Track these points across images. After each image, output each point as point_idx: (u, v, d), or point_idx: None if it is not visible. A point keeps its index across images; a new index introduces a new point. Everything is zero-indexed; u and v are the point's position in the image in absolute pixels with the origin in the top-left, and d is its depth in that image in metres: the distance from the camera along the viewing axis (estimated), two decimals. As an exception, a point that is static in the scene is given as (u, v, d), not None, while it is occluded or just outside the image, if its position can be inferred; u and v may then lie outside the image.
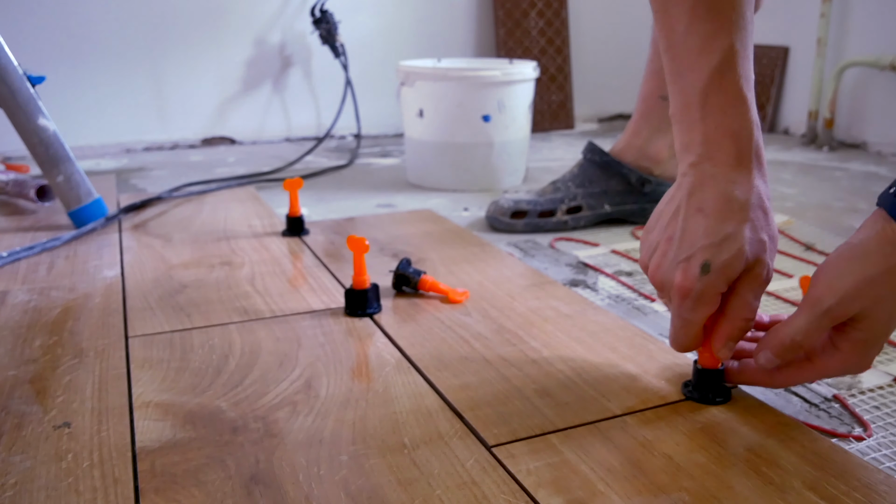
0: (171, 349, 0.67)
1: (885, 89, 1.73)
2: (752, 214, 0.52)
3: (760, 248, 0.52)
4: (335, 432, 0.53)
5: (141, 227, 1.06)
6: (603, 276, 0.92)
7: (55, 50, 1.67)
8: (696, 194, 0.53)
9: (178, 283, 0.83)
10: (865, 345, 0.51)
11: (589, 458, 0.50)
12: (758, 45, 2.02)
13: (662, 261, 0.54)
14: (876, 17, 1.74)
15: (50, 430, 0.54)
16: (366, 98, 1.91)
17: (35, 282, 0.84)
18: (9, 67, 0.99)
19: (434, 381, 0.61)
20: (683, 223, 0.53)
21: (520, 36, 2.01)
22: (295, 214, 1.02)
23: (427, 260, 0.92)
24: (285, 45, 1.87)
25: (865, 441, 0.56)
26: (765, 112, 2.00)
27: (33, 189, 1.15)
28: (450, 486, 0.47)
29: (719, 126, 0.53)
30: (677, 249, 0.53)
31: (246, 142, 1.89)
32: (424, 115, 1.37)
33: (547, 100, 2.04)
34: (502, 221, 1.10)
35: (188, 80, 1.80)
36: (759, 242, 0.52)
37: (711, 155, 0.53)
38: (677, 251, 0.53)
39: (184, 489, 0.47)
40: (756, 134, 0.53)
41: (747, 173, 0.53)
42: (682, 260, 0.52)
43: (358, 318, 0.74)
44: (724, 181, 0.52)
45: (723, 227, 0.52)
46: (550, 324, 0.72)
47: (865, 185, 1.43)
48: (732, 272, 0.52)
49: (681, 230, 0.53)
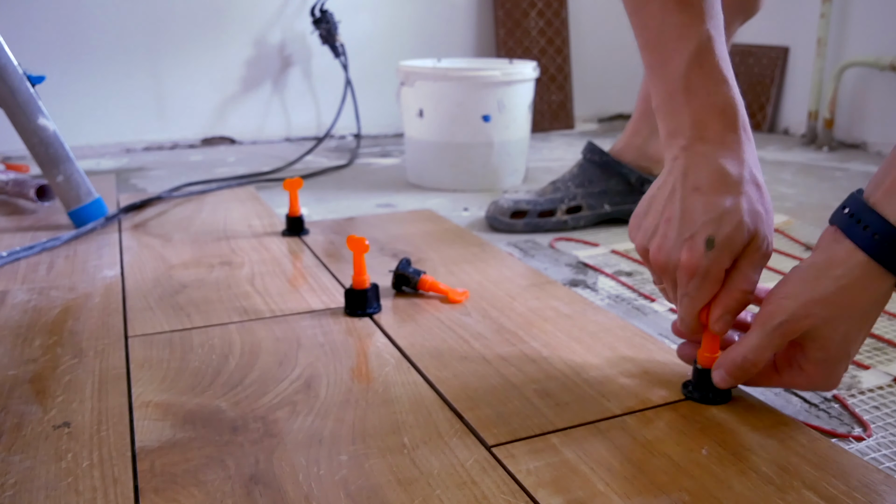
0: (170, 349, 0.67)
1: (885, 89, 1.73)
2: (746, 188, 0.53)
3: (758, 219, 0.53)
4: (335, 432, 0.53)
5: (141, 226, 1.06)
6: (603, 276, 0.92)
7: (55, 50, 1.67)
8: (691, 174, 0.54)
9: (177, 282, 0.83)
10: (826, 364, 0.51)
11: (589, 458, 0.50)
12: (758, 45, 2.02)
13: (664, 242, 0.54)
14: (876, 17, 1.74)
15: (50, 429, 0.54)
16: (366, 98, 1.91)
17: (35, 282, 0.84)
18: (9, 67, 0.99)
19: (434, 380, 0.61)
20: (682, 203, 0.54)
21: (520, 36, 2.01)
22: (295, 214, 1.02)
23: (427, 260, 0.92)
24: (285, 45, 1.87)
25: (865, 441, 0.56)
26: (765, 112, 2.00)
27: (33, 189, 1.15)
28: (449, 486, 0.47)
29: (705, 106, 0.54)
30: (679, 229, 0.53)
31: (246, 142, 1.89)
32: (424, 115, 1.37)
33: (547, 100, 2.04)
34: (502, 221, 1.10)
35: (188, 80, 1.80)
36: (756, 214, 0.53)
37: (701, 135, 0.54)
38: (679, 230, 0.53)
39: (183, 489, 0.47)
40: (741, 110, 0.54)
41: (738, 148, 0.54)
42: (686, 238, 0.53)
43: (358, 318, 0.74)
44: (717, 159, 0.53)
45: (721, 202, 0.52)
46: (550, 324, 0.72)
47: (865, 185, 1.43)
48: (736, 245, 0.53)
49: (680, 210, 0.54)
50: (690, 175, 0.54)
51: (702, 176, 0.53)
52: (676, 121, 0.55)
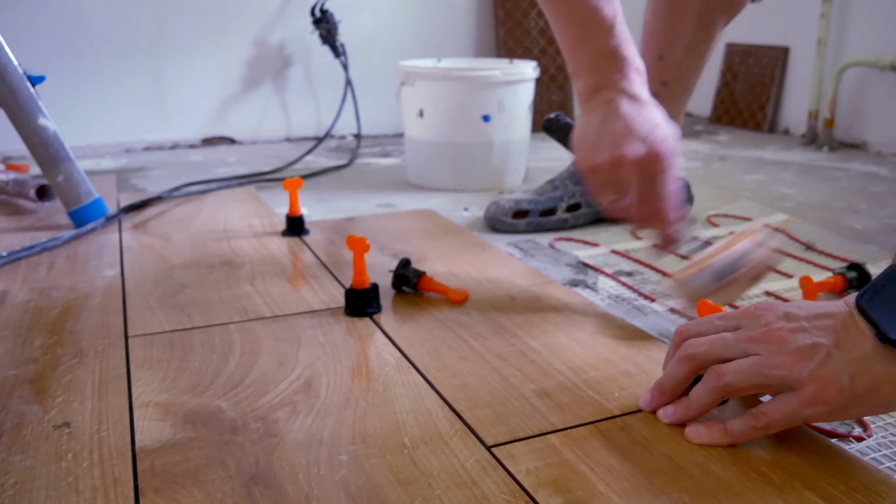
0: (171, 349, 0.67)
1: (885, 89, 1.73)
2: (655, 109, 0.74)
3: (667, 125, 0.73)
4: (335, 432, 0.53)
5: (141, 226, 1.06)
6: (603, 276, 0.92)
7: (55, 50, 1.67)
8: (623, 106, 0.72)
9: (178, 282, 0.83)
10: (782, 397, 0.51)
11: (589, 458, 0.50)
12: (758, 45, 2.02)
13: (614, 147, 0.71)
14: (876, 17, 1.74)
15: (50, 429, 0.54)
16: (366, 98, 1.91)
17: (35, 281, 0.84)
18: (9, 67, 1.00)
19: (434, 381, 0.61)
20: (623, 121, 0.71)
21: (520, 36, 2.01)
22: (295, 214, 1.02)
23: (427, 260, 0.92)
24: (285, 44, 1.87)
25: (865, 441, 0.56)
26: (765, 112, 2.00)
27: (33, 189, 1.15)
28: (450, 486, 0.47)
29: (626, 65, 0.74)
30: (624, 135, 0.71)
31: (246, 141, 1.89)
32: (424, 114, 1.37)
33: (547, 100, 2.04)
34: (504, 222, 1.10)
35: (188, 80, 1.80)
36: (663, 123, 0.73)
37: (623, 84, 0.73)
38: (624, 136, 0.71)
39: (184, 489, 0.47)
40: (640, 63, 0.75)
41: (644, 89, 0.75)
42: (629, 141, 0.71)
43: (358, 318, 0.74)
44: (636, 96, 0.73)
45: (648, 115, 0.72)
46: (550, 324, 0.72)
47: (865, 185, 1.43)
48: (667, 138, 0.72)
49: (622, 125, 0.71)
50: (629, 105, 0.73)
51: (637, 106, 0.73)
52: (602, 77, 0.74)
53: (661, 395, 0.55)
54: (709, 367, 0.51)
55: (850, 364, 0.47)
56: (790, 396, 0.48)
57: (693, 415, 0.53)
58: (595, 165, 0.73)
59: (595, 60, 0.74)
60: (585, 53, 0.75)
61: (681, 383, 0.54)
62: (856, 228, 1.12)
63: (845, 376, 0.46)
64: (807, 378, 0.47)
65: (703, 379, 0.52)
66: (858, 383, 0.46)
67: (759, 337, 0.50)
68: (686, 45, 1.03)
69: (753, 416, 0.50)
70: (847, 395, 0.46)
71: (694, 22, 1.02)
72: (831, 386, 0.47)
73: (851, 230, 1.11)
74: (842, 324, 0.48)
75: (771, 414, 0.49)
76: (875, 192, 1.36)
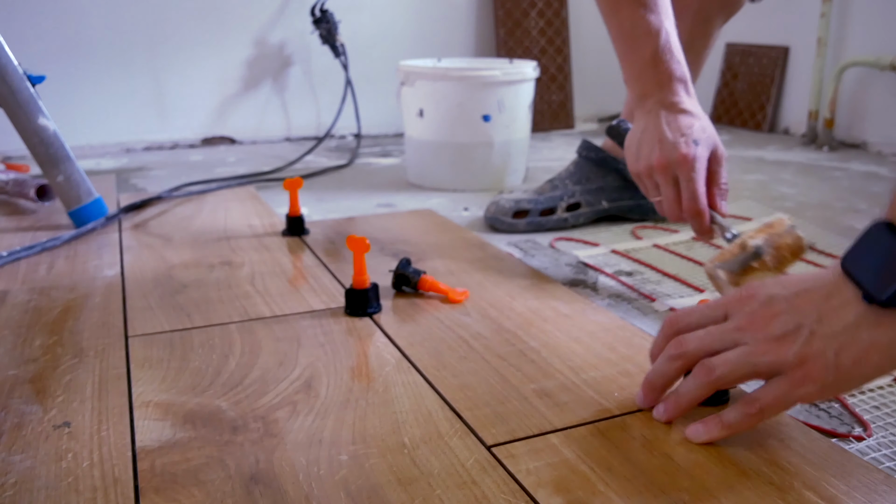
0: (171, 349, 0.67)
1: (885, 89, 1.73)
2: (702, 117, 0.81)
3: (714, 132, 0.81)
4: (335, 432, 0.53)
5: (141, 226, 1.06)
6: (603, 276, 0.92)
7: (55, 50, 1.67)
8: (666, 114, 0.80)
9: (178, 282, 0.83)
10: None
11: (589, 458, 0.50)
12: (758, 45, 2.02)
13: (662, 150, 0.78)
14: (876, 17, 1.74)
15: (50, 429, 0.54)
16: (366, 98, 1.91)
17: (35, 281, 0.84)
18: (9, 67, 0.99)
19: (434, 380, 0.61)
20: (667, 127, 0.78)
21: (520, 36, 2.01)
22: (295, 214, 1.02)
23: (427, 260, 0.92)
24: (285, 44, 1.87)
25: (865, 441, 0.56)
26: (765, 112, 2.00)
27: (33, 189, 1.15)
28: (450, 486, 0.47)
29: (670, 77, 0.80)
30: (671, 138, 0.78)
31: (246, 141, 1.89)
32: (424, 114, 1.37)
33: (547, 100, 2.04)
34: (504, 222, 1.10)
35: (188, 80, 1.80)
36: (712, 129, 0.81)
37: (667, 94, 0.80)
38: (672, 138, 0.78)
39: (184, 489, 0.47)
40: (689, 76, 0.81)
41: (692, 99, 0.81)
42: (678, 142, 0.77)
43: (358, 318, 0.74)
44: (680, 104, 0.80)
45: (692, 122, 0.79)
46: (550, 324, 0.72)
47: (865, 185, 1.43)
48: (711, 141, 0.79)
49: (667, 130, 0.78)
50: (665, 114, 0.79)
51: (674, 114, 0.79)
52: (647, 87, 0.81)
53: (652, 391, 0.55)
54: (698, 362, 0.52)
55: (834, 339, 0.47)
56: (780, 380, 0.48)
57: (684, 409, 0.53)
58: (637, 171, 0.82)
59: (641, 71, 0.81)
60: (632, 64, 0.82)
61: (671, 381, 0.54)
62: (856, 228, 1.12)
63: (830, 352, 0.47)
64: (792, 360, 0.47)
65: (693, 373, 0.52)
66: (844, 357, 0.46)
67: (744, 325, 0.50)
68: (683, 42, 1.04)
69: (746, 404, 0.50)
70: (834, 371, 0.46)
71: (690, 19, 1.02)
72: (817, 363, 0.47)
73: (851, 230, 1.11)
74: (825, 295, 0.48)
75: (763, 399, 0.49)
76: (875, 192, 1.37)
